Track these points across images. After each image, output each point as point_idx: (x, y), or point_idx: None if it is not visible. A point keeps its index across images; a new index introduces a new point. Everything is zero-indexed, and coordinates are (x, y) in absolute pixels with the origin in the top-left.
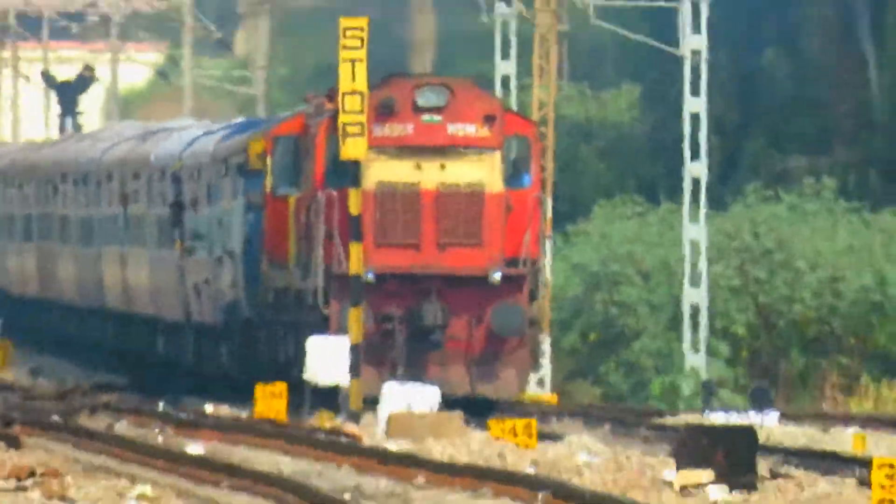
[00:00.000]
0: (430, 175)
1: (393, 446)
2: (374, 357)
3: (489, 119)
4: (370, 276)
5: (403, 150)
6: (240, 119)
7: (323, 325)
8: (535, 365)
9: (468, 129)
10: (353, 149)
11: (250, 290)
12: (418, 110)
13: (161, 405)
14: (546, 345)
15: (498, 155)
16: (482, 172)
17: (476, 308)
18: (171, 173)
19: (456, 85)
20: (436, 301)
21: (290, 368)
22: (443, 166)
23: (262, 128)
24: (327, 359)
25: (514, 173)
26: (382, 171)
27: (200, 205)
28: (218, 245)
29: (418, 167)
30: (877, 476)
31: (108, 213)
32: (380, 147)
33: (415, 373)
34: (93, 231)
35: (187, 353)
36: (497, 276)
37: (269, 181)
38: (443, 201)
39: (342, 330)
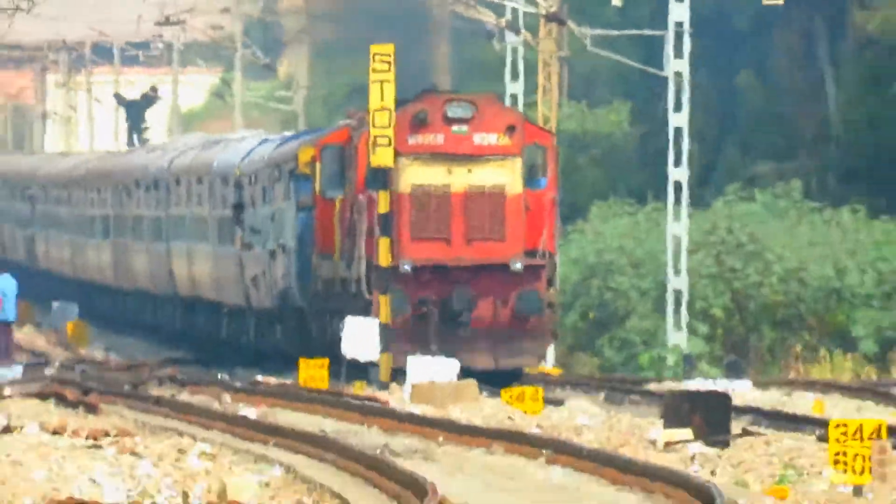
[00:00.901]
0: (459, 178)
1: (416, 411)
2: (411, 336)
3: (510, 129)
4: (407, 268)
5: (435, 156)
6: (288, 132)
7: (365, 310)
8: (553, 341)
9: (491, 139)
10: (381, 157)
11: (302, 280)
12: (448, 122)
13: (219, 376)
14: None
15: (518, 160)
16: (504, 176)
17: (500, 293)
18: (232, 179)
19: (480, 100)
20: (464, 288)
21: (334, 347)
22: (470, 171)
23: (311, 138)
24: (361, 336)
25: (531, 176)
26: (417, 175)
27: (257, 205)
28: (272, 240)
29: (449, 172)
30: (833, 434)
31: (175, 213)
32: (414, 154)
33: (446, 349)
34: (162, 229)
35: (248, 334)
36: (518, 266)
37: (317, 184)
38: (470, 201)
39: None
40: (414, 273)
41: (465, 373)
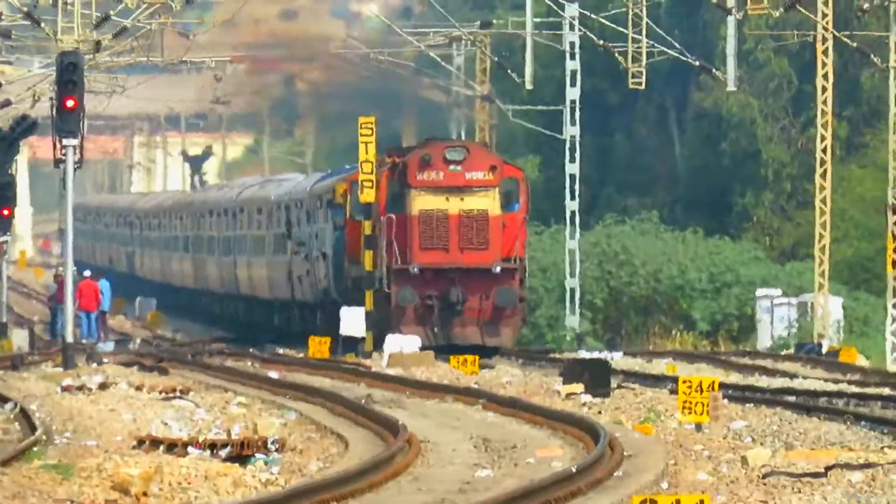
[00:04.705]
0: (454, 204)
1: (391, 372)
2: (418, 319)
3: (492, 168)
4: (416, 270)
5: (437, 189)
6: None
7: (386, 301)
8: (523, 325)
9: (478, 175)
10: (367, 195)
11: (336, 280)
12: (446, 162)
13: (251, 350)
14: None
15: (497, 191)
16: (487, 202)
17: (484, 289)
18: (283, 205)
19: (471, 145)
20: (458, 285)
21: None
22: (462, 199)
23: (343, 176)
24: (353, 320)
25: (506, 202)
26: (423, 203)
27: (302, 224)
28: (315, 250)
29: (447, 199)
30: (681, 387)
31: (240, 233)
32: (422, 186)
33: (445, 330)
34: (230, 246)
35: (294, 322)
36: (498, 269)
37: (348, 210)
38: (462, 221)
39: (399, 302)
40: (421, 273)
41: (457, 346)
